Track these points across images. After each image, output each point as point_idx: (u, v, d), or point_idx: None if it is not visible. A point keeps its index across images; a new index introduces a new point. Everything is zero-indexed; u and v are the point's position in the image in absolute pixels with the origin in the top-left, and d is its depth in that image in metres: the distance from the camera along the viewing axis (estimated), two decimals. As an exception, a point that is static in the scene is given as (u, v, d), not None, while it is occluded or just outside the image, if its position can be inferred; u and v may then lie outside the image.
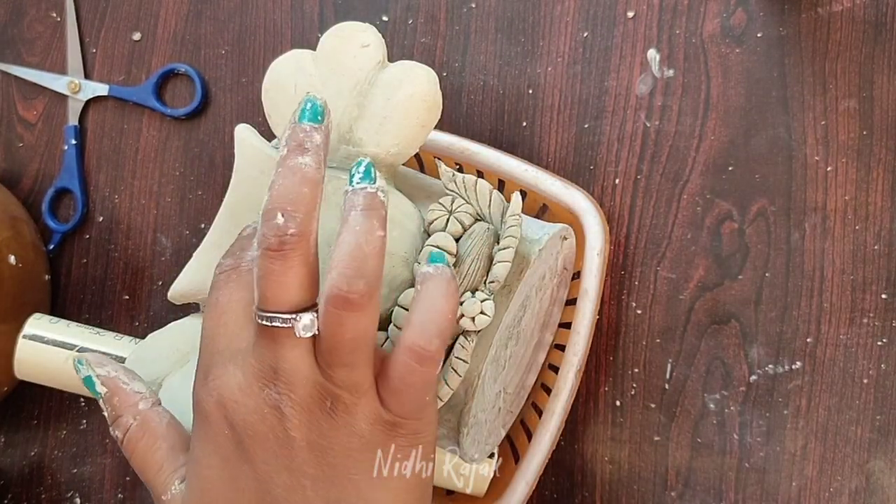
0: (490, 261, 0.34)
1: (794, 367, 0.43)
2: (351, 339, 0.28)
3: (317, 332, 0.28)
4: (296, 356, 0.28)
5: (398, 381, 0.29)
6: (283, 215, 0.28)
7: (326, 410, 0.28)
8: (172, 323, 0.37)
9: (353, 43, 0.35)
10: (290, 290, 0.28)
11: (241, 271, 0.30)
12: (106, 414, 0.32)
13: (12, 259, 0.47)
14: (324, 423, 0.29)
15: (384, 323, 0.34)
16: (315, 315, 0.28)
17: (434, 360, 0.29)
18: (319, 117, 0.29)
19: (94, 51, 0.53)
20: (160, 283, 0.51)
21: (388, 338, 0.34)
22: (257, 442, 0.28)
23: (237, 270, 0.31)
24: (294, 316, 0.28)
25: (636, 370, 0.45)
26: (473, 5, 0.48)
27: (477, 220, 0.35)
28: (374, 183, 0.30)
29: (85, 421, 0.52)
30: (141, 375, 0.34)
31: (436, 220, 0.34)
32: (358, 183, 0.30)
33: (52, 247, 0.53)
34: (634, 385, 0.45)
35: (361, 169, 0.30)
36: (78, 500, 0.51)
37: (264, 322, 0.28)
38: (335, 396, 0.29)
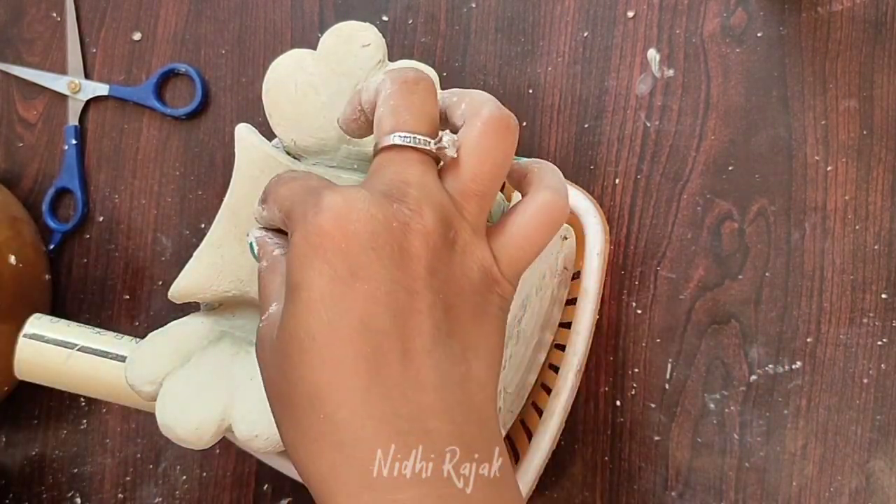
0: (490, 260, 0.34)
1: (794, 366, 0.43)
2: (494, 167, 0.28)
3: (454, 156, 0.28)
4: (430, 178, 0.27)
5: (521, 239, 0.28)
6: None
7: (448, 240, 0.27)
8: (173, 322, 0.37)
9: (354, 42, 0.35)
10: (430, 117, 0.28)
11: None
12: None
13: (12, 259, 0.47)
14: (444, 253, 0.27)
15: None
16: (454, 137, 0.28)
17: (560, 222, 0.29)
18: None
19: (94, 51, 0.53)
20: (160, 282, 0.51)
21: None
22: (382, 256, 0.26)
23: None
24: (437, 136, 0.28)
25: (636, 370, 0.45)
26: (473, 5, 0.48)
27: (477, 219, 0.35)
28: None
29: (85, 421, 0.52)
30: (141, 375, 0.34)
31: (436, 219, 0.34)
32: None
33: (52, 247, 0.53)
34: (634, 385, 0.45)
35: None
36: (78, 500, 0.51)
37: (400, 141, 0.27)
38: (459, 229, 0.27)
